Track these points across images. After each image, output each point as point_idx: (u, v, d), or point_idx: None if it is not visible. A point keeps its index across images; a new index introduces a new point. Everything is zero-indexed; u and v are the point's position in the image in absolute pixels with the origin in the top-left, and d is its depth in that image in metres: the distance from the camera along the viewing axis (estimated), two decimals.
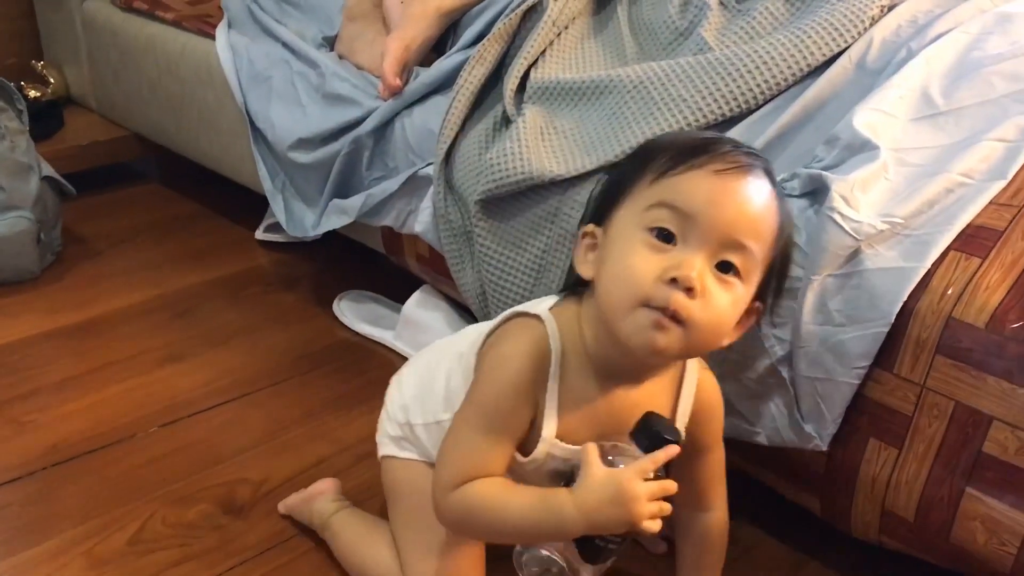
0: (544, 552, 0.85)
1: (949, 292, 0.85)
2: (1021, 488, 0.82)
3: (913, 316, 0.86)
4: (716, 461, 0.92)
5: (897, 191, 0.90)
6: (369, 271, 1.61)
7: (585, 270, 0.81)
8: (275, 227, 1.71)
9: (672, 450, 0.77)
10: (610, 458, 0.79)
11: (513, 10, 1.26)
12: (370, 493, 1.12)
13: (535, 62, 1.23)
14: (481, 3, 1.39)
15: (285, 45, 1.54)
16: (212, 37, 1.66)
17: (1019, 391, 0.81)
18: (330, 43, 1.54)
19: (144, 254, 1.74)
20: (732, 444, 1.01)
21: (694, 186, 0.74)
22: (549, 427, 0.81)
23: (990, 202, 0.88)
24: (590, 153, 1.09)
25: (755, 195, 0.75)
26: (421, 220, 1.27)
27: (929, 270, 0.86)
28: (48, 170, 1.65)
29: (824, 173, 0.90)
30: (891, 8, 1.09)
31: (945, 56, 0.99)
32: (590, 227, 0.81)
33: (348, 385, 1.35)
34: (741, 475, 1.05)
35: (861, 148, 0.91)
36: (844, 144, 0.92)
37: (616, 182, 0.81)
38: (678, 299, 0.72)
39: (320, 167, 1.41)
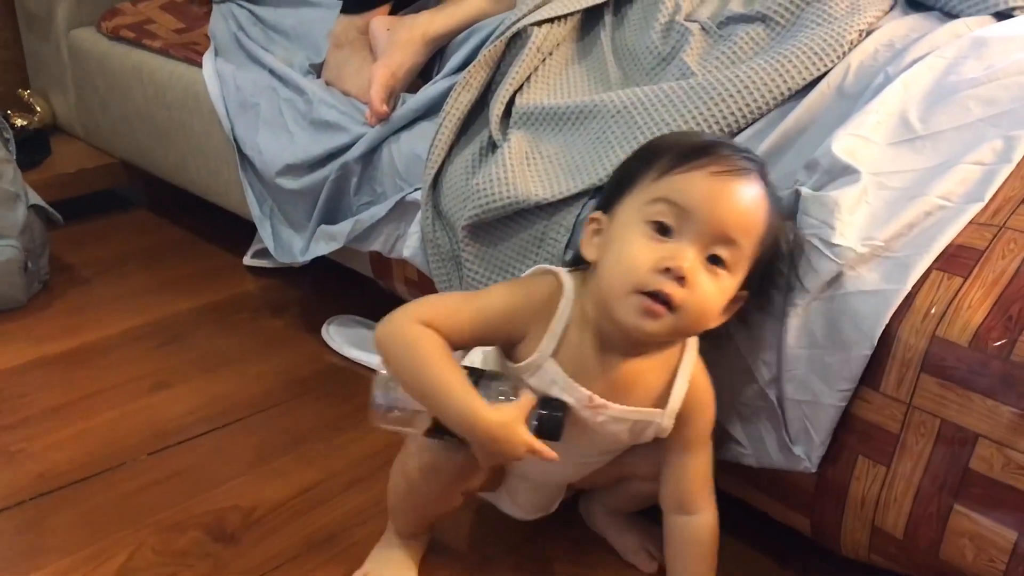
0: (402, 396, 0.88)
1: (932, 311, 0.86)
2: (1007, 504, 0.83)
3: (898, 335, 0.87)
4: (703, 462, 0.95)
5: (877, 215, 0.91)
6: (357, 295, 1.61)
7: (590, 252, 0.88)
8: (263, 253, 1.71)
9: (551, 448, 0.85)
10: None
11: (498, 37, 1.27)
12: (361, 519, 1.12)
13: (520, 88, 1.24)
14: (467, 30, 1.41)
15: (272, 72, 1.55)
16: (199, 65, 1.66)
17: (1003, 408, 0.82)
18: (317, 70, 1.55)
19: (132, 281, 1.74)
20: (722, 467, 1.02)
21: (693, 185, 0.82)
22: (549, 351, 0.88)
23: (970, 222, 0.90)
24: (574, 177, 1.10)
25: (747, 196, 0.83)
26: (409, 245, 1.28)
27: (912, 290, 0.87)
28: (35, 198, 1.65)
29: (802, 192, 0.92)
30: (869, 33, 1.11)
31: (922, 80, 1.01)
32: (597, 214, 0.89)
33: (337, 410, 1.35)
34: (731, 499, 1.06)
35: (841, 173, 0.93)
36: (824, 169, 0.94)
37: (623, 175, 0.90)
38: (670, 287, 0.80)
39: (308, 193, 1.42)
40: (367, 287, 1.51)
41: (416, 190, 1.27)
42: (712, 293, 0.82)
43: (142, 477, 1.20)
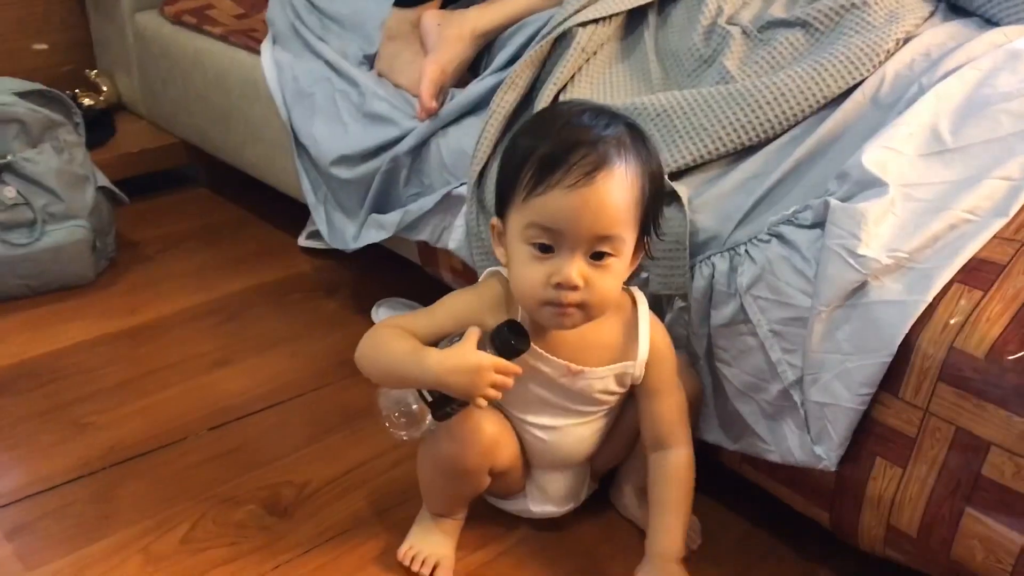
0: (398, 394, 0.99)
1: (952, 322, 0.89)
2: (1016, 510, 0.87)
3: (918, 344, 0.91)
4: (674, 404, 1.03)
5: (904, 226, 0.94)
6: (406, 279, 1.68)
7: (500, 256, 0.99)
8: (316, 234, 1.78)
9: (520, 366, 0.94)
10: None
11: (545, 36, 1.31)
12: (406, 496, 1.19)
13: (564, 87, 1.28)
14: (514, 25, 1.45)
15: (327, 63, 1.61)
16: (257, 52, 1.73)
17: (1015, 419, 0.85)
18: (370, 61, 1.61)
19: (193, 259, 1.82)
20: (747, 460, 1.08)
21: (554, 206, 0.89)
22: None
23: (994, 236, 0.93)
24: None
25: (606, 197, 0.90)
26: (455, 237, 1.34)
27: (933, 301, 0.91)
28: (103, 180, 1.74)
29: (831, 203, 0.95)
30: (907, 41, 1.14)
31: (955, 93, 1.03)
32: (495, 220, 0.99)
33: None
34: (755, 487, 1.11)
35: (870, 184, 0.96)
36: (854, 180, 0.97)
37: (501, 181, 0.97)
38: (567, 296, 0.91)
39: (360, 183, 1.48)
40: (416, 271, 1.57)
41: (462, 184, 1.32)
42: (606, 281, 0.93)
43: (203, 451, 1.28)
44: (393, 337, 0.98)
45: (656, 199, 0.96)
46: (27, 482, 1.21)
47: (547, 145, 0.91)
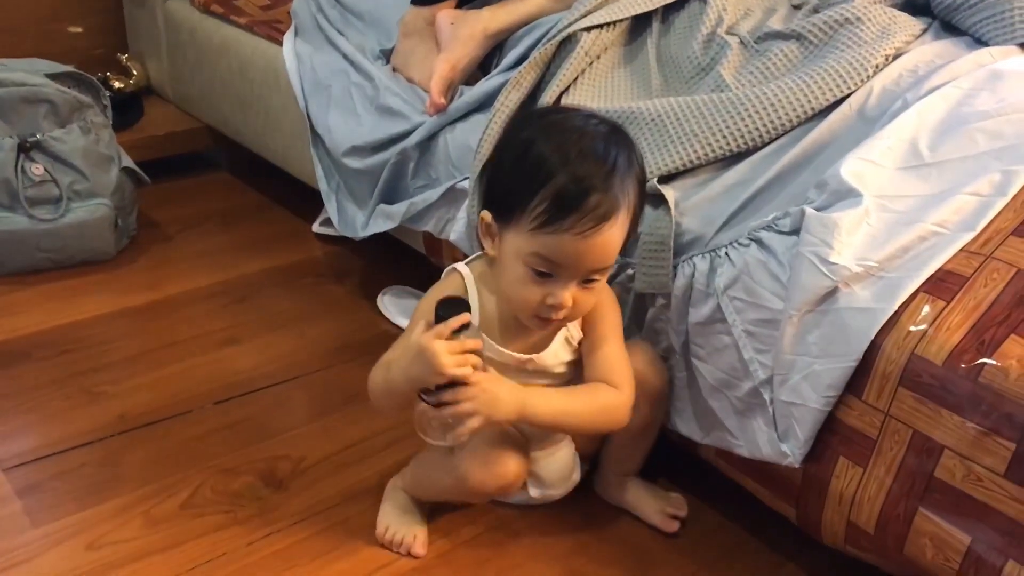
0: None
1: (915, 330, 0.93)
2: (965, 511, 0.90)
3: (882, 349, 0.95)
4: (612, 353, 1.09)
5: (876, 236, 0.98)
6: (412, 269, 1.73)
7: (488, 249, 1.05)
8: (329, 222, 1.84)
9: (463, 317, 0.98)
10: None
11: (550, 39, 1.36)
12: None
13: (567, 89, 1.33)
14: (526, 26, 1.49)
15: (345, 56, 1.66)
16: (280, 43, 1.79)
17: (968, 425, 0.89)
18: (387, 55, 1.66)
19: (211, 240, 1.89)
20: (721, 453, 1.12)
21: (561, 247, 0.97)
22: (483, 335, 1.06)
23: (960, 249, 0.96)
24: None
25: (610, 240, 0.98)
26: (456, 229, 1.39)
27: (899, 309, 0.94)
28: (127, 161, 1.81)
29: (807, 211, 0.99)
30: (896, 57, 1.17)
31: (936, 110, 1.07)
32: (487, 216, 1.03)
33: None
34: (726, 479, 1.16)
35: (846, 195, 1.00)
36: (831, 190, 1.01)
37: (509, 190, 1.00)
38: (557, 314, 1.00)
39: (370, 173, 1.54)
40: (421, 262, 1.62)
41: (465, 179, 1.37)
42: (591, 299, 1.03)
43: (207, 424, 1.35)
44: (378, 371, 1.06)
45: (640, 209, 1.04)
46: (39, 445, 1.28)
47: (563, 177, 0.96)
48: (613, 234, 0.98)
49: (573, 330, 1.10)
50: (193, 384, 1.43)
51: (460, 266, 1.11)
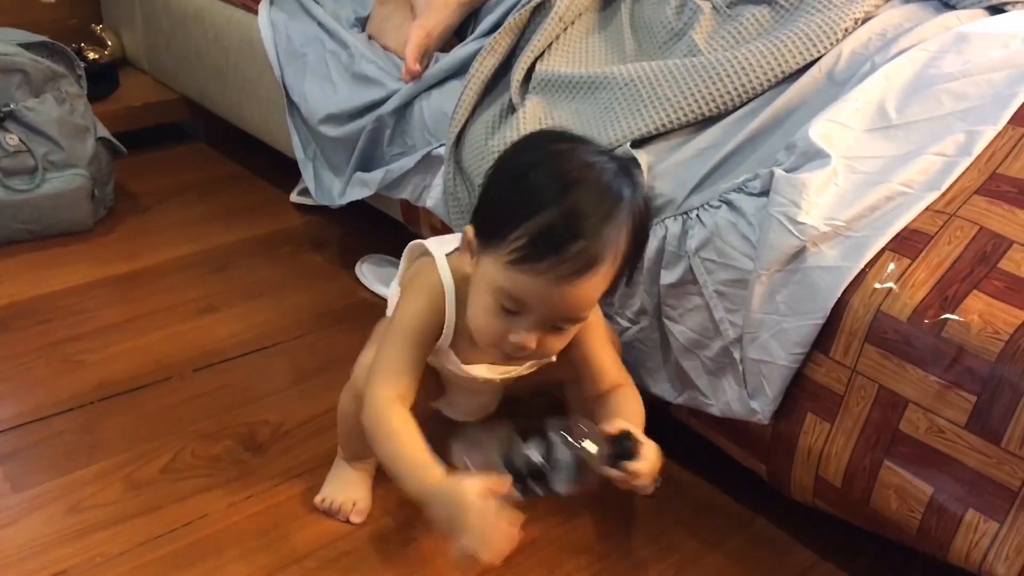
0: (482, 460, 0.92)
1: (880, 287, 0.95)
2: (928, 463, 0.93)
3: (848, 307, 0.97)
4: (607, 355, 1.05)
5: (844, 196, 1.00)
6: (390, 237, 1.73)
7: (466, 265, 0.97)
8: (307, 191, 1.84)
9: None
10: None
11: (524, 5, 1.37)
12: None
13: (541, 55, 1.34)
14: None
15: (320, 24, 1.66)
16: (255, 12, 1.78)
17: (930, 379, 0.92)
18: (362, 23, 1.66)
19: (188, 211, 1.89)
20: (693, 412, 1.14)
21: (533, 288, 0.88)
22: (451, 351, 1.03)
23: (926, 208, 0.98)
24: None
25: (585, 293, 0.90)
26: (433, 196, 1.40)
27: (865, 267, 0.96)
28: (102, 131, 1.80)
29: (776, 173, 1.01)
30: (865, 21, 1.18)
31: (903, 72, 1.08)
32: (470, 231, 0.95)
33: (364, 341, 1.47)
34: (698, 438, 1.18)
35: (815, 156, 1.02)
36: (800, 151, 1.03)
37: (495, 207, 0.93)
38: (519, 353, 0.93)
39: (347, 141, 1.54)
40: (399, 230, 1.63)
41: (441, 145, 1.38)
42: (559, 343, 0.96)
43: (187, 390, 1.36)
44: (404, 441, 0.94)
45: (634, 259, 0.94)
46: (19, 412, 1.28)
47: (551, 214, 0.86)
48: (592, 286, 0.89)
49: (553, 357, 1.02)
50: (172, 351, 1.44)
51: (439, 258, 1.01)
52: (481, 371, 1.05)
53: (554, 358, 1.02)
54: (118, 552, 1.07)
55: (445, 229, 1.44)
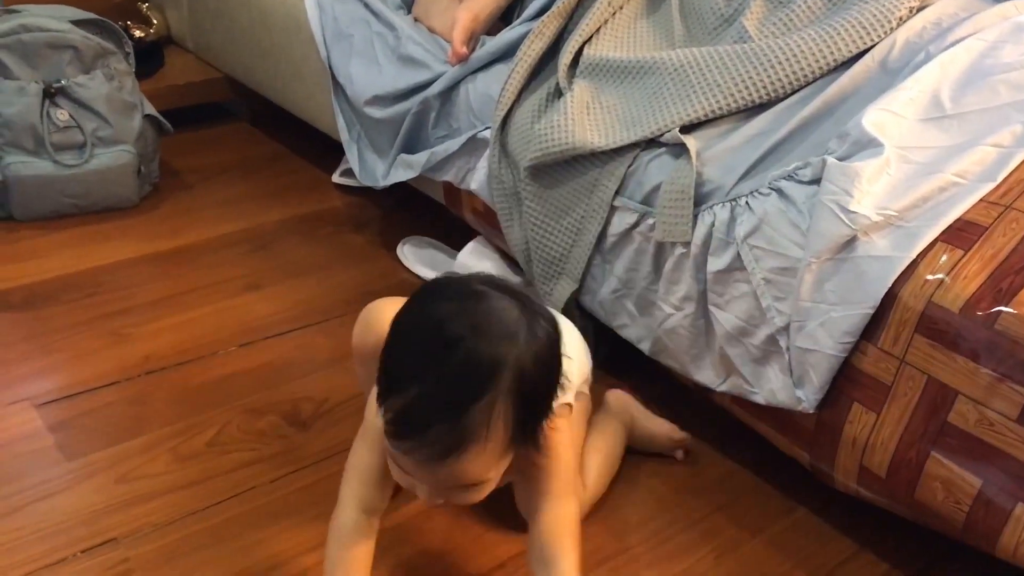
0: None
1: (932, 279, 0.95)
2: (976, 455, 0.93)
3: (899, 297, 0.96)
4: (555, 513, 0.94)
5: (896, 186, 0.99)
6: (431, 219, 1.75)
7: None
8: (350, 172, 1.85)
9: None
10: None
11: None
12: None
13: (589, 39, 1.34)
14: None
15: (366, 5, 1.66)
16: None
17: (982, 371, 0.91)
18: (408, 5, 1.67)
19: (231, 189, 1.91)
20: (736, 400, 1.14)
21: (407, 463, 0.85)
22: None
23: (980, 200, 0.97)
24: (629, 128, 1.20)
25: (461, 470, 0.83)
26: (477, 179, 1.41)
27: (917, 258, 0.96)
28: (149, 108, 1.82)
29: (828, 161, 1.00)
30: (920, 9, 1.17)
31: (959, 62, 1.07)
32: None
33: None
34: (740, 426, 1.18)
35: (867, 145, 1.01)
36: (853, 140, 1.02)
37: (380, 369, 0.86)
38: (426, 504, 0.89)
39: (392, 123, 1.55)
40: (441, 212, 1.64)
41: (487, 128, 1.38)
42: (474, 495, 0.89)
43: (232, 365, 1.37)
44: (353, 553, 0.94)
45: (534, 414, 0.86)
46: (69, 383, 1.31)
47: (410, 394, 0.80)
48: (467, 463, 0.82)
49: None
50: (217, 327, 1.46)
51: None
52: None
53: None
54: (166, 522, 1.09)
55: (487, 212, 1.44)
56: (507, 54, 1.41)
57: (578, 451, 1.10)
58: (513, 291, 0.85)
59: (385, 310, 0.97)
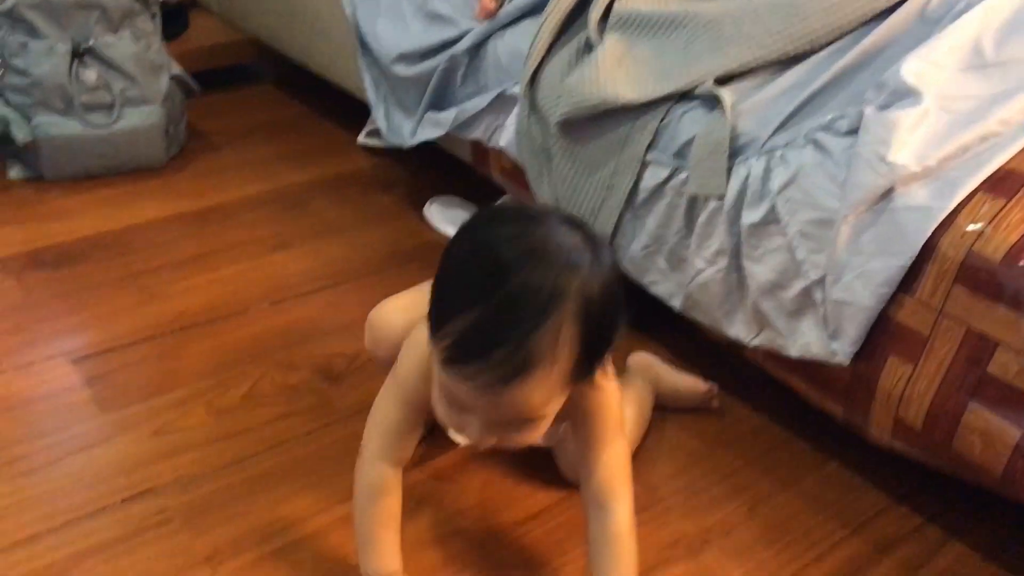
0: None
1: (973, 229, 0.94)
2: (1016, 405, 0.92)
3: (937, 248, 0.95)
4: (608, 456, 0.93)
5: (936, 136, 0.98)
6: (458, 179, 1.74)
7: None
8: (376, 133, 1.84)
9: None
10: None
11: None
12: None
13: None
14: None
15: None
16: None
17: (1023, 320, 0.90)
18: None
19: (258, 151, 1.91)
20: (769, 354, 1.14)
21: (465, 392, 0.80)
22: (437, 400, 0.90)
23: (1022, 149, 0.96)
24: (661, 82, 1.19)
25: (520, 399, 0.79)
26: (506, 136, 1.40)
27: (956, 208, 0.95)
28: (176, 69, 1.83)
29: (866, 111, 0.99)
30: None
31: (1001, 9, 1.05)
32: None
33: None
34: (772, 381, 1.18)
35: (906, 95, 0.99)
36: (891, 90, 1.01)
37: (433, 298, 0.82)
38: (482, 447, 0.85)
39: (419, 80, 1.54)
40: (468, 172, 1.63)
41: (516, 85, 1.37)
42: (522, 435, 0.85)
43: (263, 323, 1.38)
44: (382, 502, 0.94)
45: (597, 346, 0.81)
46: (103, 338, 1.32)
47: (473, 315, 0.76)
48: (529, 390, 0.78)
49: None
50: (247, 285, 1.47)
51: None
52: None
53: (542, 441, 0.91)
54: (202, 473, 1.10)
55: (515, 170, 1.44)
56: (536, 9, 1.40)
57: None
58: (571, 218, 0.82)
59: (389, 314, 1.02)
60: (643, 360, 1.26)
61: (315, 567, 1.00)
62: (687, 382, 1.25)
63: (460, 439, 0.93)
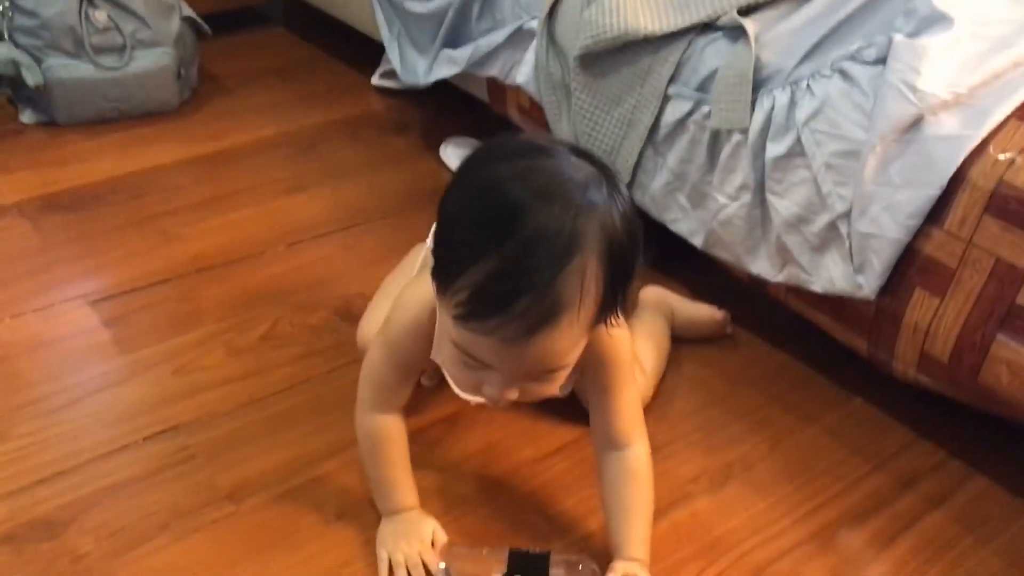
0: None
1: (1004, 158, 0.92)
2: None
3: (967, 178, 0.93)
4: (623, 402, 0.91)
5: (966, 63, 0.95)
6: (474, 119, 1.72)
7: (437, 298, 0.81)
8: (390, 74, 1.83)
9: None
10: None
11: None
12: None
13: None
14: None
15: None
16: None
17: None
18: None
19: (271, 94, 1.89)
20: (791, 289, 1.13)
21: (486, 348, 0.75)
22: (439, 358, 0.88)
23: None
24: (682, 12, 1.17)
25: (549, 348, 0.74)
26: (523, 72, 1.38)
27: (987, 136, 0.93)
28: (187, 10, 1.80)
29: (894, 38, 0.97)
30: None
31: None
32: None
33: None
34: (794, 317, 1.17)
35: (936, 21, 0.97)
36: (921, 17, 0.98)
37: (440, 249, 0.78)
38: (501, 404, 0.81)
39: (433, 17, 1.52)
40: (484, 112, 1.61)
41: (534, 19, 1.35)
42: (548, 388, 0.81)
43: (280, 264, 1.38)
44: (389, 454, 0.94)
45: (620, 286, 0.77)
46: (121, 281, 1.31)
47: (491, 264, 0.71)
48: (555, 339, 0.74)
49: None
50: (263, 228, 1.46)
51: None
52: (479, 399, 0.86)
53: (560, 391, 0.88)
54: (223, 412, 1.10)
55: (533, 108, 1.41)
56: None
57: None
58: (576, 147, 0.78)
59: (374, 325, 0.99)
60: (656, 294, 1.25)
61: (337, 503, 1.00)
62: (704, 311, 1.24)
63: (473, 399, 0.89)
